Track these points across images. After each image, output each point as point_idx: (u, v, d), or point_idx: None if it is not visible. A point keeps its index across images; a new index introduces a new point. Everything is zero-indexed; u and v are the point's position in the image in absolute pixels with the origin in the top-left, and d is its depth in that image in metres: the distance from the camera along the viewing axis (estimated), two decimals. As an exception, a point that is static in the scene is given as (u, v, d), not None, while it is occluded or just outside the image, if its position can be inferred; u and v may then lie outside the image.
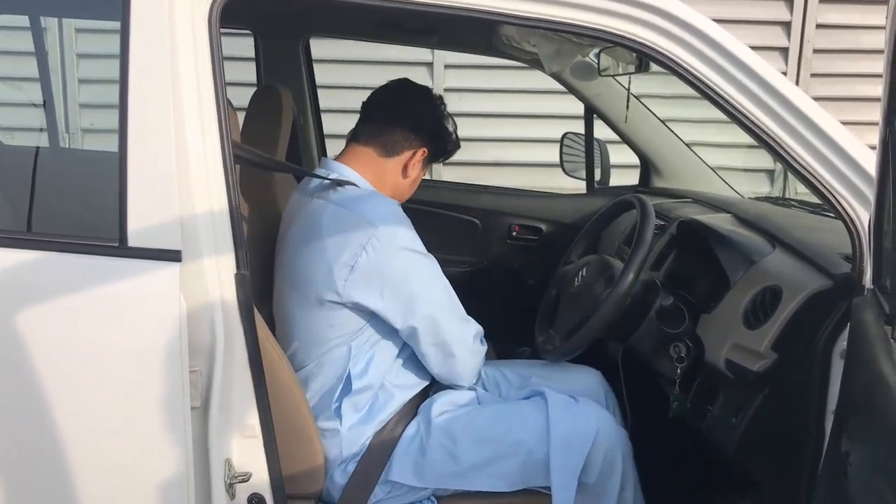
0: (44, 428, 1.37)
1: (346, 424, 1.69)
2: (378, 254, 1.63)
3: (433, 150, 1.85)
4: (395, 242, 1.65)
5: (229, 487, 1.43)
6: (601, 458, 1.67)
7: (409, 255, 1.67)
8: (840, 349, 1.40)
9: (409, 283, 1.66)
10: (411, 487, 1.68)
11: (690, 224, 2.05)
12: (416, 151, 1.81)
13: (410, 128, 1.81)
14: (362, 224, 1.65)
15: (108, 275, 1.36)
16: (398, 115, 1.81)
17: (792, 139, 1.42)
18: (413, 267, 1.67)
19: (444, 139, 1.87)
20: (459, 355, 1.73)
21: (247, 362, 1.43)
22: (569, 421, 1.69)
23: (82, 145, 4.49)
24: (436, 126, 1.85)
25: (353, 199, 1.71)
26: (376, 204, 1.70)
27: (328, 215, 1.69)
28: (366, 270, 1.63)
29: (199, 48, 1.39)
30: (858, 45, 4.87)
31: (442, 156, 1.91)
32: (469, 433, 1.70)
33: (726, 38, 1.42)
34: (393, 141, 1.80)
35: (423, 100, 1.86)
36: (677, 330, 1.77)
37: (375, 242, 1.63)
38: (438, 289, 1.71)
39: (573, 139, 2.91)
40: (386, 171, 1.81)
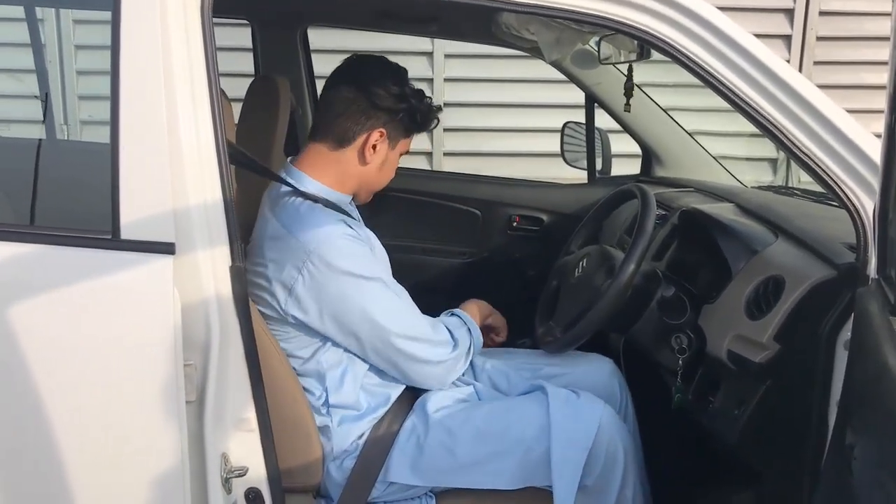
0: (37, 422, 1.36)
1: (336, 420, 1.67)
2: (313, 278, 1.58)
3: (394, 127, 1.71)
4: (332, 266, 1.59)
5: (226, 482, 1.42)
6: (603, 455, 1.64)
7: (345, 280, 1.60)
8: (844, 340, 1.38)
9: (347, 308, 1.61)
10: (408, 486, 1.67)
11: (692, 214, 2.03)
12: (369, 134, 1.69)
13: (358, 110, 1.68)
14: (298, 247, 1.59)
15: (101, 268, 1.35)
16: (342, 100, 1.70)
17: (795, 127, 1.40)
18: (350, 291, 1.61)
19: (405, 111, 1.71)
20: (415, 372, 1.70)
21: (243, 355, 1.42)
22: (570, 416, 1.66)
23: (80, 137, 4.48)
24: (388, 100, 1.69)
25: (296, 217, 1.63)
26: (314, 225, 1.61)
27: (270, 234, 1.65)
28: (303, 294, 1.60)
29: (191, 38, 1.37)
30: (862, 32, 4.83)
31: (412, 129, 1.76)
32: (467, 429, 1.67)
33: (729, 26, 1.40)
34: (342, 129, 1.69)
35: (368, 76, 1.71)
36: (679, 321, 1.76)
37: (311, 267, 1.58)
38: (380, 310, 1.63)
39: (574, 128, 2.89)
40: (343, 163, 1.71)
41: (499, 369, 1.89)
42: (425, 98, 1.76)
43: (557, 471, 1.62)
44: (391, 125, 1.71)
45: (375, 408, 1.71)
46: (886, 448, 1.00)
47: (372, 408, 1.71)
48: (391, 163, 1.76)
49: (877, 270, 1.28)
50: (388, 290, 1.65)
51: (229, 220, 1.39)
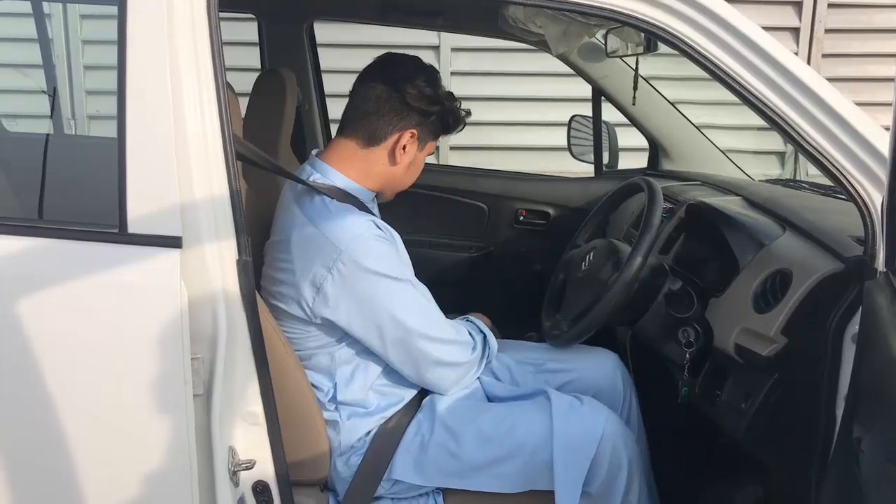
0: (44, 415, 1.36)
1: (345, 416, 1.67)
2: (343, 278, 1.57)
3: (425, 128, 1.70)
4: (362, 266, 1.57)
5: (233, 475, 1.42)
6: (607, 462, 1.63)
7: (375, 279, 1.58)
8: (851, 333, 1.37)
9: (374, 308, 1.59)
10: (413, 484, 1.67)
11: (699, 207, 2.03)
12: (401, 135, 1.67)
13: (391, 110, 1.66)
14: (328, 246, 1.57)
15: (108, 262, 1.35)
16: (375, 98, 1.67)
17: (803, 120, 1.39)
18: (379, 291, 1.59)
19: (437, 114, 1.70)
20: (432, 374, 1.69)
21: (250, 349, 1.42)
22: (574, 423, 1.65)
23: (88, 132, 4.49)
24: (421, 102, 1.67)
25: (325, 215, 1.61)
26: (345, 224, 1.59)
27: (297, 232, 1.62)
28: (332, 293, 1.58)
29: (197, 32, 1.37)
30: (871, 24, 4.81)
31: (441, 132, 1.75)
32: (472, 432, 1.67)
33: (737, 18, 1.39)
34: (374, 128, 1.67)
35: (402, 75, 1.68)
36: (686, 314, 1.75)
37: (341, 266, 1.56)
38: (407, 312, 1.61)
39: (581, 122, 2.89)
40: (372, 162, 1.69)
41: (502, 361, 1.89)
42: (455, 100, 1.75)
43: (560, 477, 1.61)
44: (423, 127, 1.70)
45: (385, 407, 1.71)
46: (894, 441, 1.00)
47: (381, 407, 1.70)
48: (418, 163, 1.76)
49: (885, 263, 1.28)
50: (414, 292, 1.65)
51: (236, 213, 1.39)
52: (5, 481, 1.40)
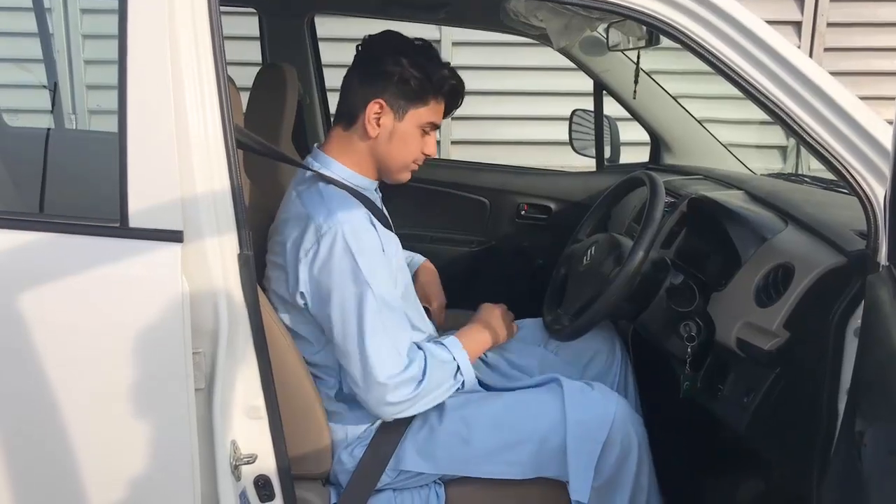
0: (46, 410, 1.36)
1: (349, 408, 1.68)
2: (321, 259, 1.57)
3: (393, 95, 1.64)
4: (338, 249, 1.56)
5: (235, 469, 1.42)
6: (618, 446, 1.64)
7: (345, 265, 1.56)
8: (854, 327, 1.37)
9: (333, 293, 1.57)
10: (418, 473, 1.67)
11: (701, 201, 2.02)
12: (368, 107, 1.64)
13: (355, 84, 1.65)
14: (313, 228, 1.58)
15: (109, 256, 1.35)
16: (345, 79, 1.67)
17: (806, 114, 1.38)
18: (345, 278, 1.56)
19: (410, 77, 1.63)
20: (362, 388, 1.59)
21: (251, 343, 1.42)
22: (585, 408, 1.66)
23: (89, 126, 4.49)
24: (379, 68, 1.63)
25: (318, 200, 1.62)
26: (335, 208, 1.59)
27: (292, 214, 1.64)
28: (310, 276, 1.58)
29: (198, 27, 1.36)
30: (874, 18, 4.79)
31: (414, 96, 1.65)
32: (483, 419, 1.68)
33: (739, 11, 1.38)
34: (347, 107, 1.67)
35: (368, 46, 1.68)
36: (688, 309, 1.75)
37: (319, 248, 1.57)
38: (362, 314, 1.56)
39: (582, 116, 2.88)
40: (354, 142, 1.69)
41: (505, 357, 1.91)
42: (429, 61, 1.66)
43: (573, 463, 1.61)
44: (388, 94, 1.64)
45: None
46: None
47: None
48: (404, 135, 1.68)
49: (887, 258, 1.28)
50: (373, 300, 1.57)
51: (237, 208, 1.39)
52: (7, 475, 1.40)
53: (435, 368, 1.62)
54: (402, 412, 1.61)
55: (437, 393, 1.64)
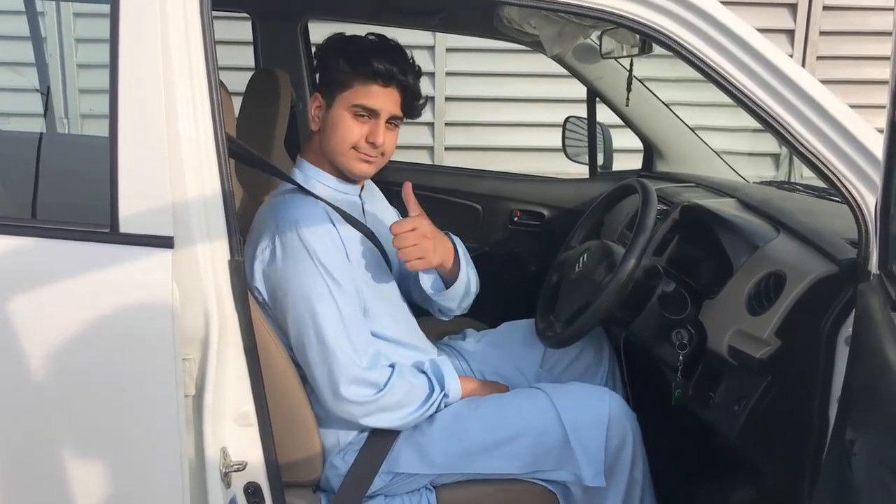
0: (34, 416, 1.35)
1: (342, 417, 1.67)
2: (271, 258, 1.61)
3: (324, 86, 1.71)
4: (287, 252, 1.60)
5: (225, 476, 1.41)
6: (613, 438, 1.65)
7: (295, 270, 1.59)
8: (845, 336, 1.37)
9: (287, 295, 1.60)
10: (411, 476, 1.67)
11: (694, 209, 2.02)
12: (311, 104, 1.74)
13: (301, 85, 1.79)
14: (269, 228, 1.63)
15: (99, 261, 1.34)
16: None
17: (798, 122, 1.39)
18: (295, 281, 1.59)
19: (331, 67, 1.68)
20: (318, 383, 1.61)
21: (241, 349, 1.41)
22: (578, 399, 1.69)
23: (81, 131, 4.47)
24: (319, 63, 1.73)
25: (279, 202, 1.68)
26: (289, 208, 1.63)
27: (259, 217, 1.70)
28: (270, 274, 1.62)
29: (191, 31, 1.36)
30: (865, 27, 4.81)
31: (345, 79, 1.67)
32: (476, 416, 1.69)
33: (732, 20, 1.39)
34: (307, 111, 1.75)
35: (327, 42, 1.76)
36: (679, 316, 1.75)
37: (272, 248, 1.62)
38: (317, 310, 1.58)
39: (576, 123, 2.89)
40: (314, 144, 1.76)
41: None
42: (350, 46, 1.70)
43: (580, 450, 1.62)
44: (322, 86, 1.72)
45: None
46: (887, 444, 1.00)
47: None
48: (335, 120, 1.69)
49: (878, 266, 1.28)
50: (329, 293, 1.59)
51: (228, 213, 1.39)
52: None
53: (400, 387, 1.64)
54: (356, 414, 1.61)
55: (401, 413, 1.65)
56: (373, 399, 1.60)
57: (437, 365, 1.75)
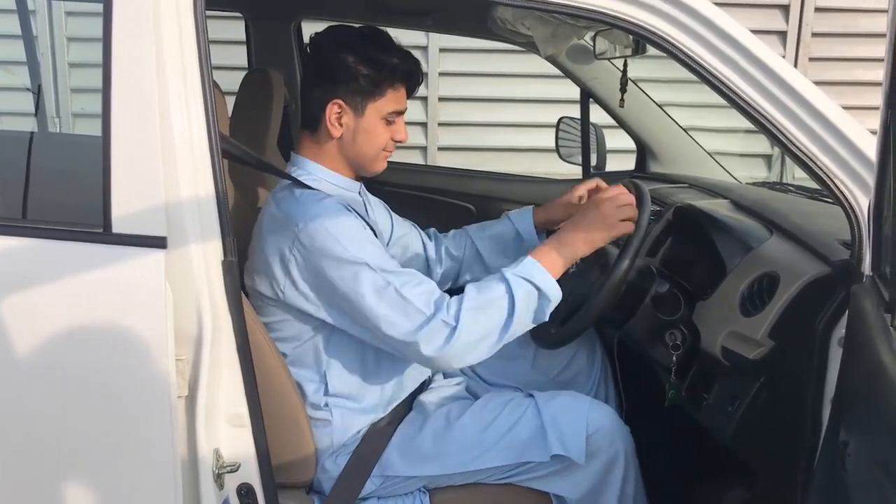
0: (26, 417, 1.35)
1: (338, 415, 1.67)
2: (302, 258, 1.55)
3: (349, 93, 1.63)
4: (317, 246, 1.54)
5: (217, 477, 1.41)
6: (603, 454, 1.64)
7: (328, 256, 1.54)
8: (838, 337, 1.38)
9: (333, 288, 1.54)
10: (404, 480, 1.66)
11: (687, 210, 2.03)
12: (327, 110, 1.63)
13: (313, 87, 1.65)
14: (289, 228, 1.57)
15: (92, 262, 1.34)
16: (303, 80, 1.67)
17: (791, 123, 1.39)
18: (334, 266, 1.53)
19: (359, 74, 1.62)
20: (408, 350, 1.54)
21: (235, 350, 1.41)
22: (560, 399, 1.70)
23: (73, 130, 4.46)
24: (329, 69, 1.63)
25: (292, 201, 1.61)
26: (307, 206, 1.58)
27: (268, 216, 1.64)
28: (295, 275, 1.57)
29: (184, 31, 1.36)
30: (857, 28, 4.83)
31: (378, 87, 1.63)
32: (465, 415, 1.69)
33: (725, 21, 1.39)
34: (310, 111, 1.66)
35: (318, 46, 1.67)
36: (673, 317, 1.75)
37: (300, 246, 1.55)
38: (363, 292, 1.52)
39: (569, 124, 2.89)
40: (324, 146, 1.68)
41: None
42: (378, 52, 1.64)
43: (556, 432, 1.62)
44: (343, 93, 1.63)
45: (377, 406, 1.71)
46: (880, 445, 1.00)
47: (372, 405, 1.71)
48: (368, 129, 1.67)
49: (871, 267, 1.28)
50: (371, 270, 1.53)
51: (221, 214, 1.38)
52: (-14, 483, 1.38)
53: (473, 312, 1.52)
54: (451, 358, 1.52)
55: (491, 332, 1.53)
56: (452, 340, 1.50)
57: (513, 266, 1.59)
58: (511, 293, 1.54)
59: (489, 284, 1.56)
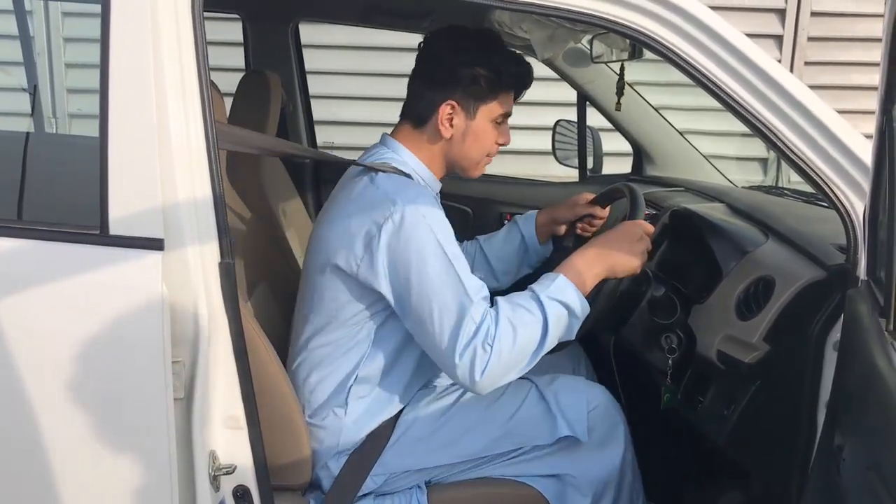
0: (22, 418, 1.34)
1: (352, 416, 1.66)
2: (389, 237, 1.52)
3: (464, 96, 1.63)
4: (409, 230, 1.51)
5: (214, 479, 1.41)
6: (603, 425, 1.68)
7: (422, 247, 1.51)
8: (833, 341, 1.38)
9: (412, 275, 1.51)
10: (403, 476, 1.67)
11: (683, 213, 2.03)
12: (439, 110, 1.63)
13: (427, 85, 1.65)
14: (384, 204, 1.53)
15: (89, 263, 1.34)
16: (413, 78, 1.68)
17: (786, 127, 1.40)
18: (424, 259, 1.51)
19: (480, 76, 1.62)
20: (446, 359, 1.52)
21: (231, 352, 1.41)
22: (559, 381, 1.73)
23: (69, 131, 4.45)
24: (446, 71, 1.63)
25: (388, 180, 1.59)
26: (406, 188, 1.58)
27: (361, 189, 1.61)
28: (376, 251, 1.53)
29: (182, 32, 1.36)
30: (853, 33, 4.85)
31: (485, 95, 1.64)
32: (460, 406, 1.70)
33: (721, 25, 1.40)
34: (417, 109, 1.67)
35: (435, 45, 1.68)
36: (669, 321, 1.76)
37: (391, 226, 1.52)
38: (443, 288, 1.50)
39: (566, 127, 2.89)
40: (425, 142, 1.68)
41: None
42: (496, 55, 1.66)
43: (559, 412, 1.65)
44: (459, 95, 1.64)
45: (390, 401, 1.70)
46: (875, 449, 1.00)
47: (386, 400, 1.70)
48: (478, 132, 1.68)
49: (866, 272, 1.29)
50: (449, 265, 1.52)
51: (219, 216, 1.38)
52: (-19, 485, 1.38)
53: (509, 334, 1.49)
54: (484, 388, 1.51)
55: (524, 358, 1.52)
56: (488, 360, 1.48)
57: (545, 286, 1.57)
58: (545, 318, 1.52)
59: (522, 309, 1.53)
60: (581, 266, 1.60)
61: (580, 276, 1.59)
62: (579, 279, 1.58)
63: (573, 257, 1.63)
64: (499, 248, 2.05)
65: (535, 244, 2.00)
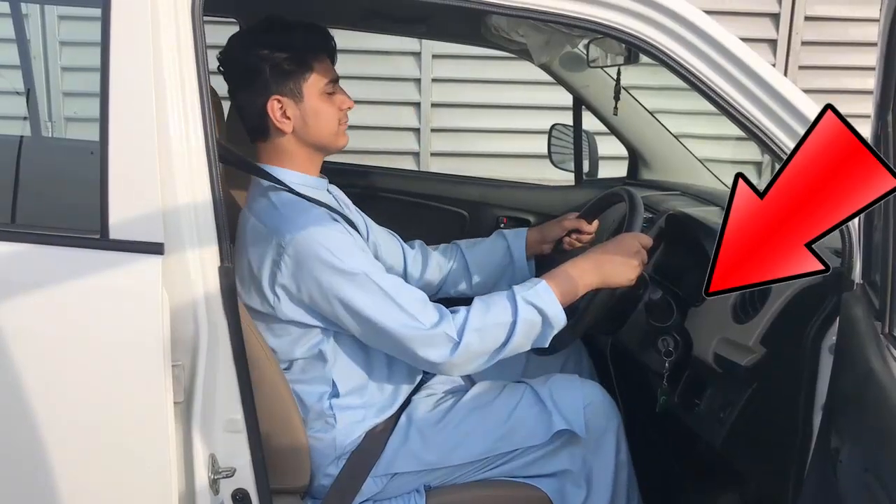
0: (24, 422, 1.35)
1: (344, 422, 1.67)
2: (292, 272, 1.54)
3: (280, 84, 1.61)
4: (308, 260, 1.52)
5: (213, 483, 1.41)
6: (598, 420, 1.69)
7: (321, 268, 1.52)
8: (829, 344, 1.39)
9: (329, 300, 1.54)
10: (402, 476, 1.67)
11: (679, 217, 2.04)
12: (267, 110, 1.62)
13: (245, 95, 1.65)
14: (273, 241, 1.54)
15: (89, 268, 1.34)
16: (232, 95, 1.68)
17: (780, 131, 1.41)
18: (327, 278, 1.52)
19: (279, 60, 1.60)
20: (406, 356, 1.56)
21: (231, 356, 1.42)
22: (553, 380, 1.75)
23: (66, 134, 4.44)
24: (254, 66, 1.61)
25: (271, 211, 1.60)
26: (289, 217, 1.57)
27: (249, 231, 1.62)
28: (286, 286, 1.55)
29: (182, 36, 1.36)
30: (847, 37, 4.86)
31: (302, 65, 1.62)
32: (458, 408, 1.71)
33: (716, 30, 1.41)
34: (253, 121, 1.66)
35: (229, 58, 1.66)
36: (665, 324, 1.76)
37: (288, 260, 1.53)
38: (363, 302, 1.52)
39: (561, 130, 2.90)
40: (281, 146, 1.66)
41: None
42: (282, 33, 1.63)
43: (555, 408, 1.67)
44: (276, 87, 1.62)
45: (382, 406, 1.71)
46: (871, 452, 1.01)
47: (377, 405, 1.71)
48: (315, 110, 1.65)
49: (861, 275, 1.30)
50: (366, 279, 1.53)
51: (218, 220, 1.39)
52: (-19, 489, 1.38)
53: (477, 333, 1.53)
54: (452, 368, 1.55)
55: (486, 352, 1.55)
56: (455, 354, 1.52)
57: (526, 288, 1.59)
58: (515, 320, 1.54)
59: (497, 305, 1.56)
60: (574, 274, 1.61)
61: (572, 284, 1.60)
62: (570, 286, 1.60)
63: (566, 265, 1.64)
64: (481, 256, 2.05)
65: (521, 257, 2.01)
